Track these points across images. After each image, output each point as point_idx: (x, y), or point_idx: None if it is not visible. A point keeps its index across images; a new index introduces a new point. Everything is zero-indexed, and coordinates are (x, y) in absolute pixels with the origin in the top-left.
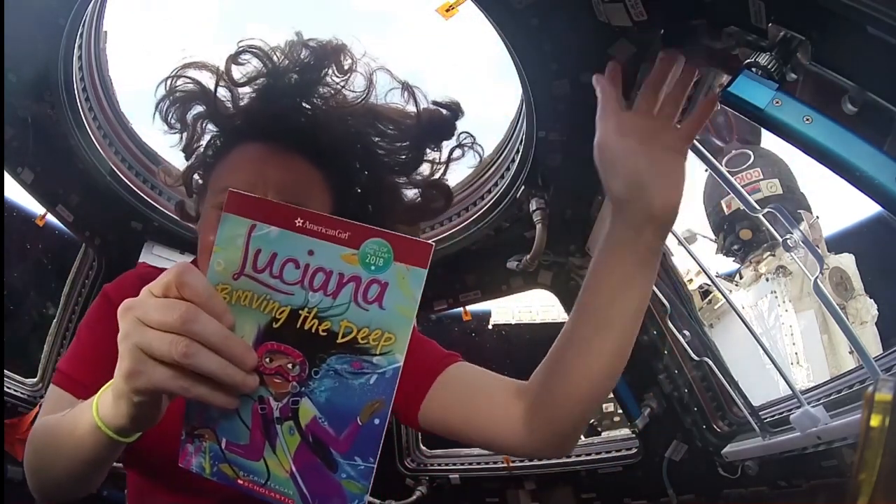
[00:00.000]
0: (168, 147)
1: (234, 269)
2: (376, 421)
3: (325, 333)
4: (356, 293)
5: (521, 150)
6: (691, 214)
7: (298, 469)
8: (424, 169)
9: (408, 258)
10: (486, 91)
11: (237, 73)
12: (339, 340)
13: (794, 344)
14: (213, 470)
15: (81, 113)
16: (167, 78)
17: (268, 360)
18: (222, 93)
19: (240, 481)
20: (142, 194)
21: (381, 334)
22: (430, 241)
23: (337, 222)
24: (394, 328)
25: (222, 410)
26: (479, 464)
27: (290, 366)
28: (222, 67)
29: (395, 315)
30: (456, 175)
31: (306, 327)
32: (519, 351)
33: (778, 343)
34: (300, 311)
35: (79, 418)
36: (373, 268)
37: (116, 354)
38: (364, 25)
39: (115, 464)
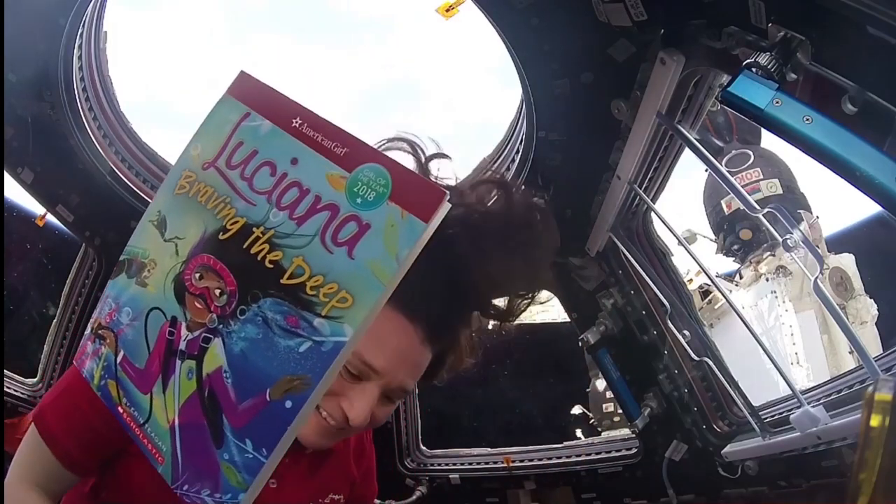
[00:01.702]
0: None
1: (208, 159)
2: (288, 404)
3: (271, 266)
4: (326, 226)
5: (521, 150)
6: (691, 214)
7: (181, 424)
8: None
9: (408, 202)
10: (488, 97)
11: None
12: (284, 280)
13: (794, 344)
14: (101, 384)
15: (81, 113)
16: None
17: (198, 275)
18: None
19: (120, 409)
20: (142, 194)
21: (337, 291)
22: (444, 189)
23: (339, 133)
24: (356, 289)
25: (135, 315)
26: (479, 464)
27: (217, 291)
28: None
29: (364, 272)
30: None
31: (253, 251)
32: (519, 351)
33: (778, 343)
34: (254, 229)
35: None
36: (359, 200)
37: (115, 435)
38: (365, 33)
39: None
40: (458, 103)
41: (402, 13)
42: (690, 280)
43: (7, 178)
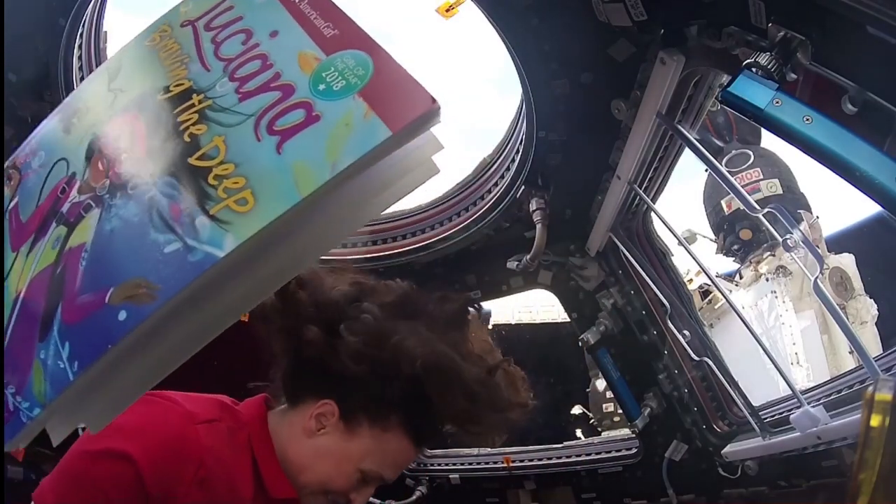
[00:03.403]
0: None
1: (191, 17)
2: (122, 315)
3: (188, 140)
4: (268, 109)
5: (521, 150)
6: (691, 214)
7: (25, 298)
8: None
9: (382, 101)
10: (489, 102)
11: None
12: (192, 160)
13: (794, 344)
14: None
15: None
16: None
17: (115, 134)
18: None
19: None
20: None
21: (240, 188)
22: (435, 99)
23: (338, 16)
24: (264, 191)
25: (44, 161)
26: (479, 464)
27: (123, 156)
28: None
29: (284, 173)
30: (456, 175)
31: (180, 119)
32: (519, 351)
33: (778, 343)
34: (194, 95)
35: None
36: (322, 87)
37: None
38: None
39: None
40: (457, 110)
41: (402, 23)
42: (690, 280)
43: None
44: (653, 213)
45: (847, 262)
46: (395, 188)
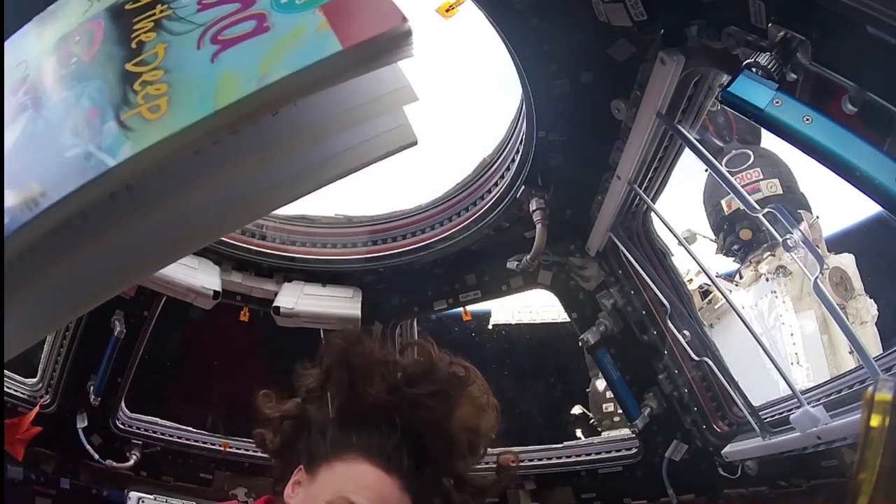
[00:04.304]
0: None
1: None
2: (7, 220)
3: (134, 46)
4: (222, 19)
5: (521, 150)
6: (691, 214)
7: None
8: None
9: (343, 17)
10: (489, 102)
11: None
12: (129, 66)
13: (794, 344)
14: None
15: None
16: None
17: (77, 38)
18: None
19: None
20: None
21: (159, 95)
22: (406, 17)
23: None
24: (180, 99)
25: (17, 63)
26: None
27: (73, 60)
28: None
29: (208, 82)
30: (456, 175)
31: (137, 27)
32: (519, 351)
33: (778, 343)
34: (159, 5)
35: None
36: (283, 0)
37: None
38: None
39: (115, 464)
40: (457, 111)
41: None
42: (690, 280)
43: None
44: (653, 213)
45: (847, 262)
46: (363, 148)
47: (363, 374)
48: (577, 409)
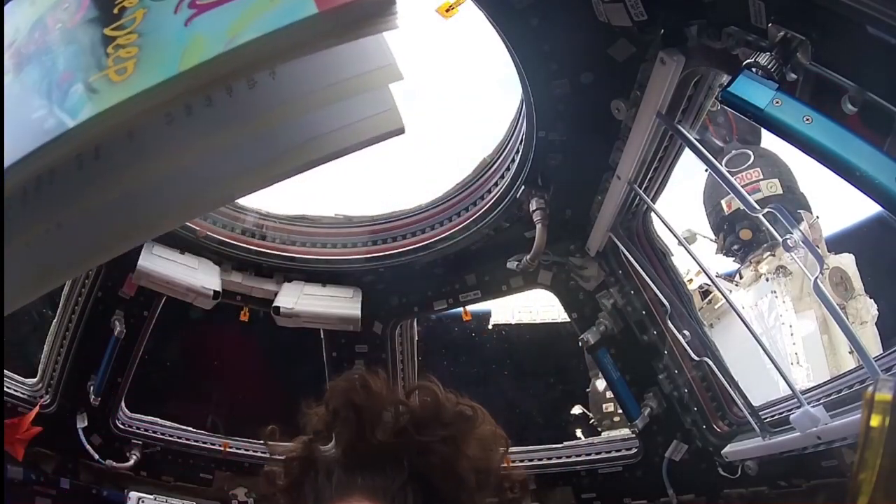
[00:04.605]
0: None
1: None
2: None
3: (116, 12)
4: None
5: (521, 150)
6: (691, 214)
7: None
8: None
9: None
10: (489, 102)
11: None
12: (107, 30)
13: (794, 344)
14: None
15: None
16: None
17: (64, 7)
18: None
19: None
20: None
21: (129, 57)
22: None
23: None
24: (148, 62)
25: (16, 30)
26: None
27: (57, 26)
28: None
29: (177, 44)
30: (456, 175)
31: None
32: (519, 351)
33: (778, 343)
34: None
35: None
36: None
37: None
38: None
39: (115, 464)
40: (457, 112)
41: (406, 32)
42: (690, 280)
43: None
44: (653, 213)
45: (847, 262)
46: (348, 132)
47: (370, 415)
48: (577, 409)
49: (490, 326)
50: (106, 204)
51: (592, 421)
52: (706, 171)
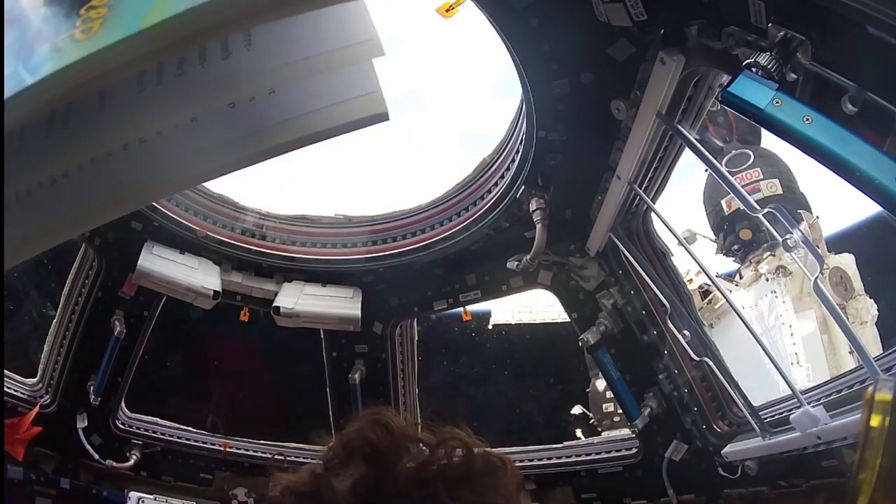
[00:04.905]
0: None
1: None
2: None
3: None
4: None
5: (521, 150)
6: (691, 214)
7: None
8: None
9: None
10: (489, 103)
11: None
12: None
13: (794, 344)
14: None
15: None
16: None
17: None
18: None
19: None
20: None
21: (97, 17)
22: None
23: None
24: (109, 21)
25: None
26: None
27: None
28: None
29: (146, 5)
30: (456, 175)
31: None
32: (519, 351)
33: (778, 343)
34: None
35: None
36: None
37: None
38: None
39: (115, 464)
40: (458, 114)
41: (406, 33)
42: (690, 280)
43: None
44: (653, 213)
45: (847, 262)
46: (329, 113)
47: (390, 459)
48: (577, 409)
49: (490, 326)
50: (80, 171)
51: (592, 421)
52: (706, 171)
